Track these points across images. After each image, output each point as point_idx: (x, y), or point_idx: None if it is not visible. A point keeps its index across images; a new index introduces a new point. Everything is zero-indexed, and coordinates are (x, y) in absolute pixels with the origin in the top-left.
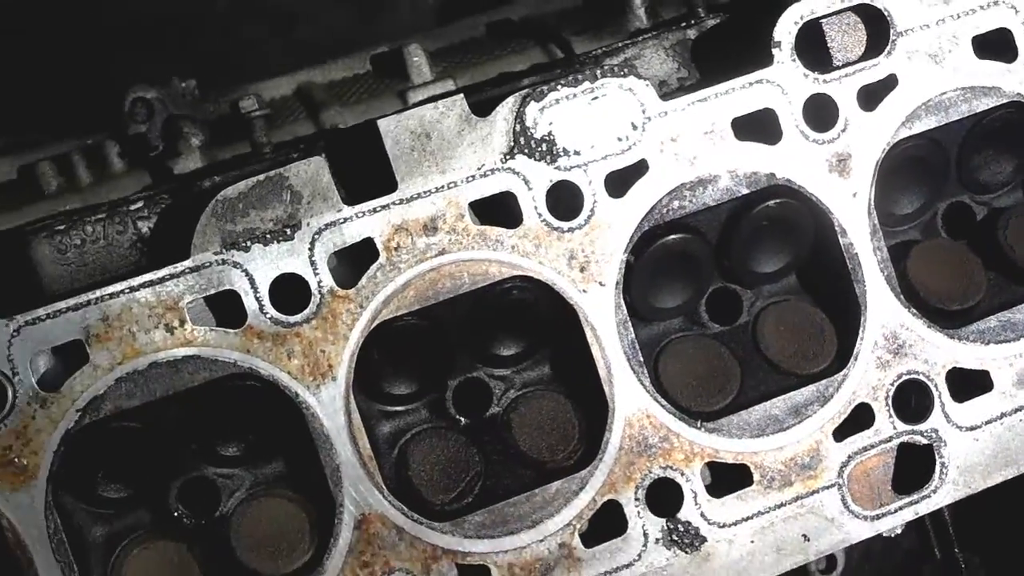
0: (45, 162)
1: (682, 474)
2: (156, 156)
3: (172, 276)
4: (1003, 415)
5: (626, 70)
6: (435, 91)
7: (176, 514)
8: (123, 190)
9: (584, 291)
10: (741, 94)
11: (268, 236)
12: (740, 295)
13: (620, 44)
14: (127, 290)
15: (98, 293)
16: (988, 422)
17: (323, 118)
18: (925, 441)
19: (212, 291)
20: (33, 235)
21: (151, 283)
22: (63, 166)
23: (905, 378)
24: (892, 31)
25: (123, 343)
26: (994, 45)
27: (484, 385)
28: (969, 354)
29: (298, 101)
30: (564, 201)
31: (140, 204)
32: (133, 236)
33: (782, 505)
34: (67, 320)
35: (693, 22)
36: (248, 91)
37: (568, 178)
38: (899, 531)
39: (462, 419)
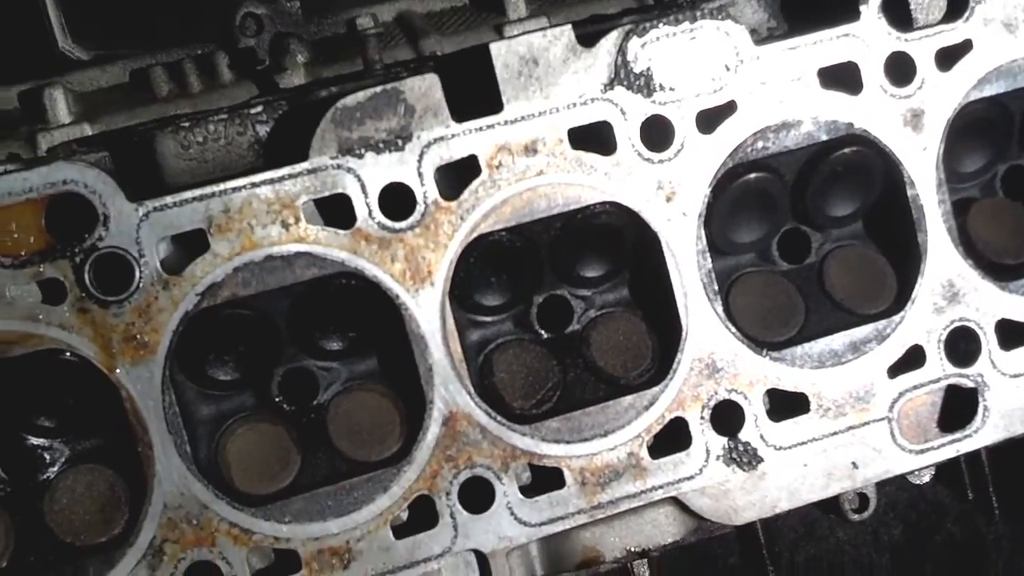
0: (158, 67)
1: (745, 397)
2: (263, 70)
3: (291, 176)
4: None
5: (724, 15)
6: (529, 27)
7: (277, 400)
8: (231, 99)
9: (668, 220)
10: (828, 45)
11: (381, 145)
12: (810, 236)
13: None
14: (249, 185)
15: (222, 186)
16: None
17: (422, 45)
18: (971, 384)
19: (326, 193)
20: (159, 130)
21: (271, 181)
22: (174, 73)
23: (957, 324)
24: None
25: (242, 235)
26: None
27: (567, 303)
28: (1018, 306)
29: (398, 28)
30: (656, 134)
31: (260, 108)
32: (251, 138)
33: (835, 433)
34: (192, 209)
35: None
36: (356, 13)
37: (662, 112)
38: (927, 479)
39: (544, 333)
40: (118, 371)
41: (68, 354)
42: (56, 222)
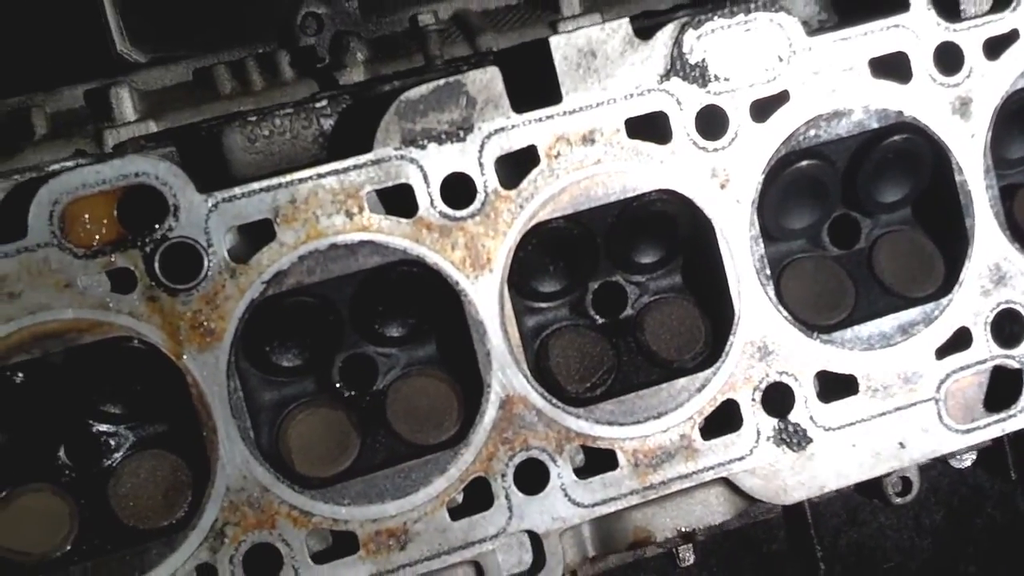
0: (221, 66)
1: (796, 380)
2: (323, 67)
3: (356, 167)
4: None
5: (776, 7)
6: (583, 23)
7: (338, 386)
8: (292, 97)
9: (722, 207)
10: (879, 36)
11: (443, 136)
12: (860, 222)
13: None
14: (315, 176)
15: (288, 177)
16: None
17: (479, 42)
18: (1017, 365)
19: (389, 183)
20: (227, 125)
21: (336, 172)
22: (237, 71)
23: (1003, 307)
24: None
25: (307, 224)
26: None
27: (621, 289)
28: None
29: (455, 26)
30: (711, 123)
31: (324, 103)
32: (316, 131)
33: (883, 414)
34: (259, 199)
35: None
36: (414, 11)
37: (717, 102)
38: (968, 464)
39: (599, 318)
40: (185, 357)
41: (136, 341)
42: (127, 213)
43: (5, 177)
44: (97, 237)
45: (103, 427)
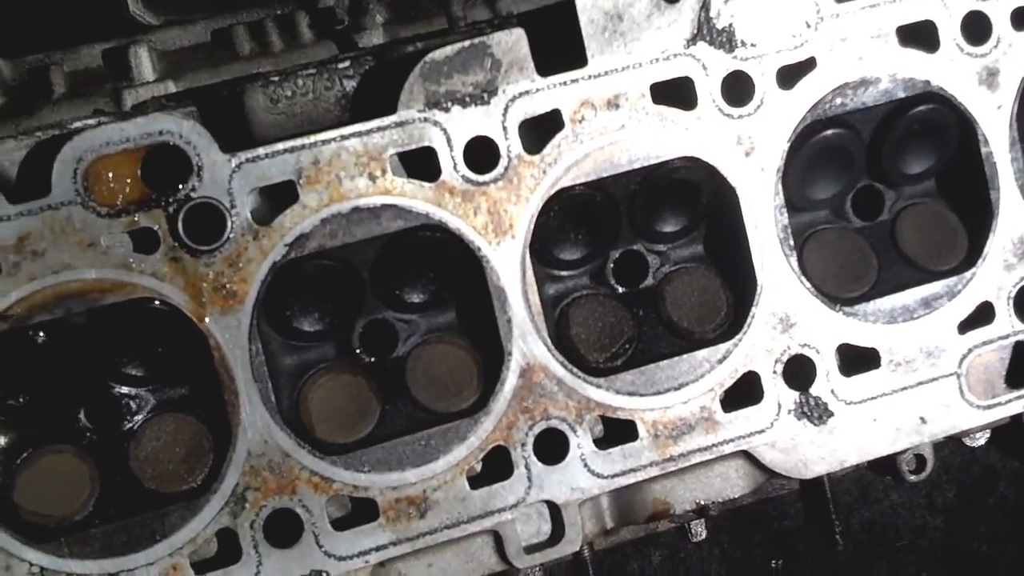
0: (239, 27)
1: (818, 352)
2: (342, 29)
3: (379, 129)
4: None
5: None
6: None
7: (358, 351)
8: (311, 58)
9: (746, 175)
10: (907, 4)
11: (467, 99)
12: (884, 194)
13: None
14: (338, 138)
15: (312, 139)
16: None
17: (500, 5)
18: None
19: (412, 146)
20: (250, 84)
21: (359, 134)
22: (255, 32)
23: None
24: None
25: (330, 187)
26: None
27: (642, 258)
28: None
29: None
30: (737, 89)
31: (347, 64)
32: (339, 92)
33: (905, 388)
34: (283, 161)
35: None
36: None
37: (743, 68)
38: (982, 442)
39: (620, 288)
40: (207, 320)
41: (159, 303)
42: (151, 172)
43: (28, 134)
44: (121, 196)
45: (124, 389)
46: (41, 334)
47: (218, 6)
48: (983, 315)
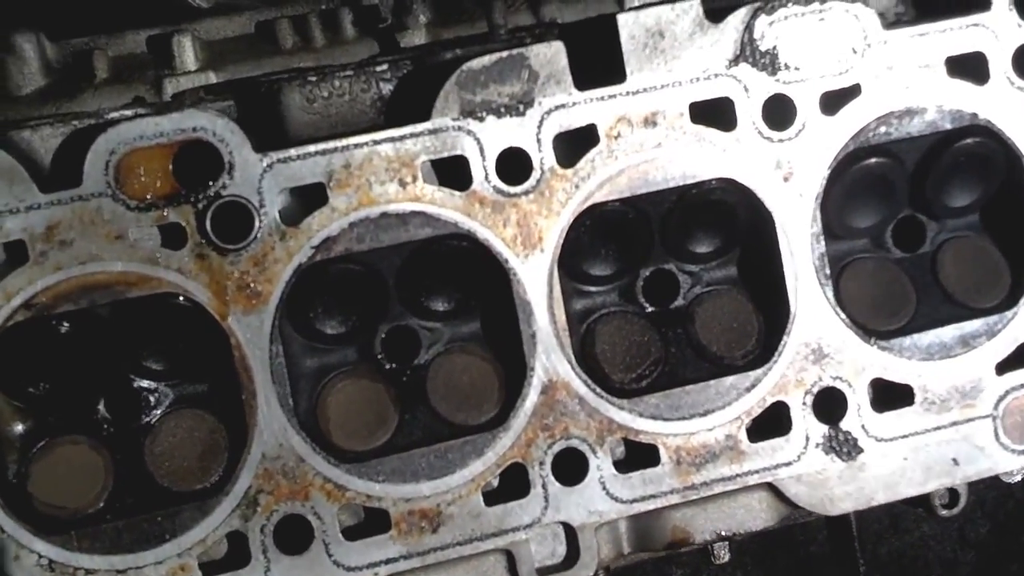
0: (283, 20)
1: (850, 386)
2: (385, 28)
3: (412, 135)
4: None
5: None
6: None
7: (379, 357)
8: (353, 56)
9: (784, 200)
10: (957, 34)
11: (503, 110)
12: (926, 225)
13: None
14: (371, 143)
15: (344, 142)
16: None
17: (543, 12)
18: None
19: (445, 154)
20: (287, 82)
21: (392, 139)
22: (299, 26)
23: None
24: None
25: (360, 191)
26: None
27: (674, 277)
28: None
29: None
30: (778, 113)
31: (385, 67)
32: (375, 95)
33: (938, 428)
34: (314, 163)
35: None
36: None
37: (785, 91)
38: (1019, 478)
39: (649, 307)
40: (230, 318)
41: (183, 298)
42: (181, 168)
43: (64, 121)
44: (151, 190)
45: (144, 383)
46: (65, 324)
47: None
48: (1022, 356)
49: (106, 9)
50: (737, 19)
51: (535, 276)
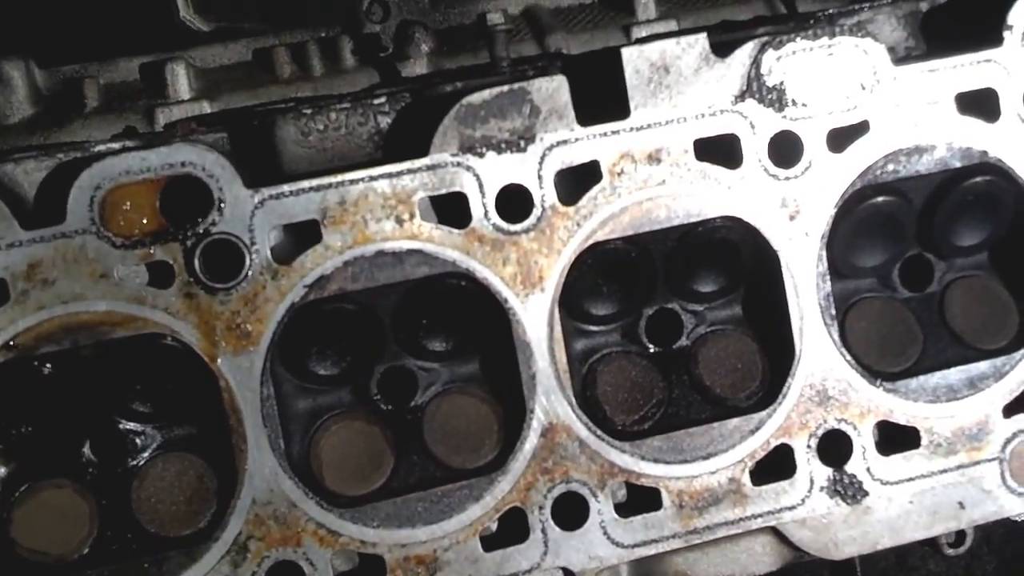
0: (281, 48)
1: (855, 428)
2: (386, 57)
3: (409, 171)
4: None
5: (862, 32)
6: (658, 29)
7: (375, 398)
8: (352, 85)
9: (790, 239)
10: (968, 70)
11: (503, 145)
12: (933, 264)
13: (856, 7)
14: (367, 178)
15: (339, 178)
16: None
17: (548, 42)
18: None
19: (443, 190)
20: (281, 115)
21: (389, 175)
22: (297, 54)
23: None
24: None
25: (355, 228)
26: None
27: (677, 317)
28: None
29: (525, 22)
30: (785, 149)
31: (383, 100)
32: (372, 129)
33: (944, 471)
34: (308, 199)
35: None
36: (483, 7)
37: (792, 128)
38: None
39: (652, 347)
40: (219, 360)
41: (170, 339)
42: (170, 204)
43: (49, 154)
44: (137, 227)
45: (130, 425)
46: (48, 365)
47: (265, 18)
48: None
49: (100, 34)
50: (744, 54)
51: (535, 316)
